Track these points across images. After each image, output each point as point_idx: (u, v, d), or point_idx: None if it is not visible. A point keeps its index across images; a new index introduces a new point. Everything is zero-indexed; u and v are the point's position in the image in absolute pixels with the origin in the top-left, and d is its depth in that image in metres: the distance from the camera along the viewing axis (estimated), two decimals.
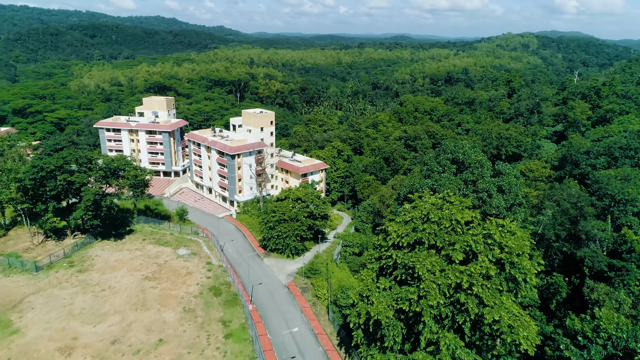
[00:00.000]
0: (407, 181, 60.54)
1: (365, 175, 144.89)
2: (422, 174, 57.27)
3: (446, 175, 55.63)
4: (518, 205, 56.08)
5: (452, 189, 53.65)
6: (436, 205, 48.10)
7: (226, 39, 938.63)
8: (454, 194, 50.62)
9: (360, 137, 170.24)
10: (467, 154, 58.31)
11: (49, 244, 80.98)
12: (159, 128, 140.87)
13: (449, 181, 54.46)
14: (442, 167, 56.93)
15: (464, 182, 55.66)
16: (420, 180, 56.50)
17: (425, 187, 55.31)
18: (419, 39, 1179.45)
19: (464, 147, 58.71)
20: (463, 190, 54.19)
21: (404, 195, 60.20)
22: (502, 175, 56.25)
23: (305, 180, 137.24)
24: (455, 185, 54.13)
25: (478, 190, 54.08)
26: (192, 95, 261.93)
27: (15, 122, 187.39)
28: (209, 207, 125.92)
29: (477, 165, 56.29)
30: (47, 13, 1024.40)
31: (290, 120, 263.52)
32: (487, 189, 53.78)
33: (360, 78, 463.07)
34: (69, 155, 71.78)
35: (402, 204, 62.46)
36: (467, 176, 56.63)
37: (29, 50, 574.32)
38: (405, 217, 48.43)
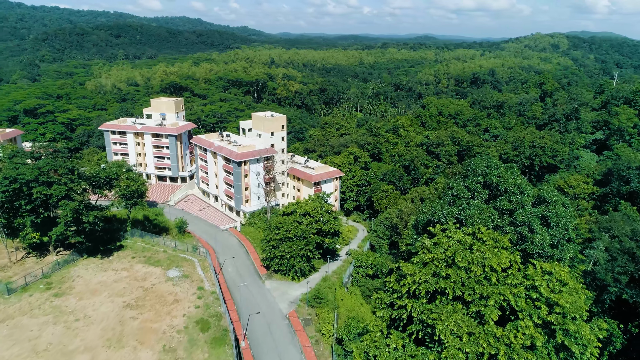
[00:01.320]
0: (427, 206, 50.31)
1: (383, 184, 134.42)
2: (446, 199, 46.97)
3: (476, 203, 44.93)
4: (567, 241, 45.05)
5: (484, 220, 43.07)
6: (464, 243, 37.73)
7: (249, 39, 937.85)
8: (487, 228, 40.13)
9: (379, 143, 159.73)
10: (503, 177, 47.22)
11: (29, 261, 73.64)
12: (165, 131, 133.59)
13: (479, 211, 43.82)
14: (471, 192, 46.21)
15: (498, 212, 44.94)
16: (443, 208, 46.15)
17: (450, 217, 44.85)
18: (444, 40, 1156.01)
19: (498, 168, 47.22)
20: (497, 222, 43.56)
21: (423, 223, 49.90)
22: (548, 203, 45.21)
23: (319, 190, 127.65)
24: (487, 216, 43.43)
25: (517, 222, 43.32)
26: (208, 96, 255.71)
27: (26, 122, 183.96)
28: (213, 217, 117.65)
29: (515, 190, 45.39)
30: (77, 14, 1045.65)
31: (308, 122, 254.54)
32: (528, 222, 43.04)
33: (382, 79, 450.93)
34: (46, 165, 64.21)
35: (420, 233, 52.17)
36: (503, 204, 45.57)
37: (55, 50, 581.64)
38: (425, 257, 38.21)
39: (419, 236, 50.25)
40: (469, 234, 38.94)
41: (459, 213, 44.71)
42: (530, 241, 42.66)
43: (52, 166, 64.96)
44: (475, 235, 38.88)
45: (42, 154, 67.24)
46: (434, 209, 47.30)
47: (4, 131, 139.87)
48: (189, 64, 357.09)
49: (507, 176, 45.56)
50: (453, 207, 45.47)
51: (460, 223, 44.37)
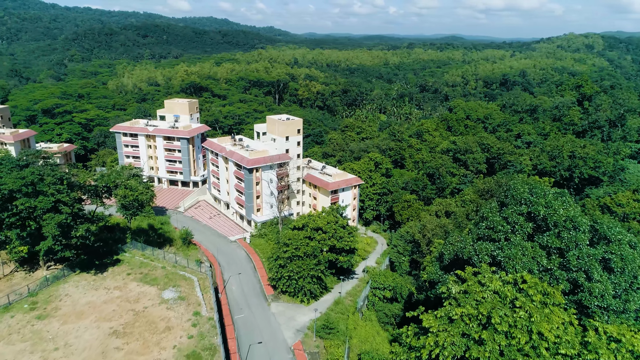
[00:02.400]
0: (455, 237, 41.76)
1: (405, 193, 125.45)
2: (479, 231, 38.33)
3: (518, 240, 36.29)
4: (635, 290, 35.77)
5: (528, 263, 34.29)
6: (503, 296, 29.23)
7: (274, 39, 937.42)
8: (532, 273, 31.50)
9: (402, 148, 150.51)
10: (552, 207, 39.36)
11: (17, 276, 68.42)
12: (177, 134, 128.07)
13: (522, 251, 35.03)
14: (510, 225, 37.42)
15: (546, 252, 36.04)
16: (476, 244, 37.38)
17: (484, 256, 36.25)
18: (472, 40, 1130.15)
19: (546, 196, 38.21)
20: (544, 263, 34.70)
21: (449, 258, 41.40)
22: (609, 242, 35.97)
23: (336, 199, 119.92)
24: (531, 256, 34.70)
25: (569, 266, 34.31)
26: (228, 96, 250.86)
27: (43, 122, 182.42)
28: (223, 226, 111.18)
29: (567, 225, 36.40)
30: (108, 14, 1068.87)
31: (329, 124, 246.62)
32: (585, 268, 34.08)
33: (408, 80, 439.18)
34: (31, 175, 58.61)
35: (445, 268, 43.70)
36: (552, 242, 36.44)
37: (84, 50, 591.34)
38: (452, 311, 29.93)
39: (443, 272, 41.85)
40: (509, 282, 30.55)
41: (495, 251, 36.02)
42: (588, 291, 33.62)
43: (37, 176, 59.16)
44: (517, 284, 30.44)
45: (30, 161, 61.70)
46: (464, 243, 38.65)
47: (17, 132, 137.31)
48: (211, 63, 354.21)
49: (558, 206, 36.48)
50: (488, 244, 36.73)
51: (497, 265, 35.73)
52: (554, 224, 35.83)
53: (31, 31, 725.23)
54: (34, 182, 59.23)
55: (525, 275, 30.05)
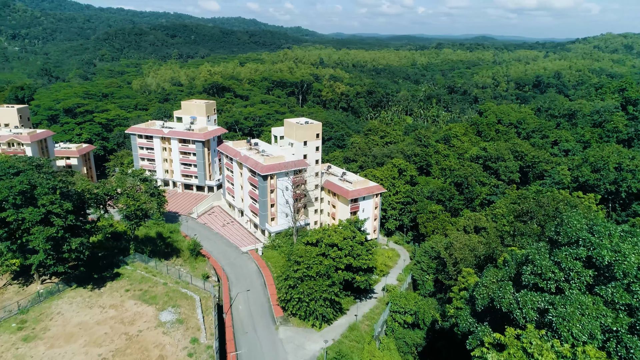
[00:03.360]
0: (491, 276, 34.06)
1: (430, 203, 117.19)
2: (523, 277, 30.38)
3: (576, 294, 28.29)
4: None
5: (589, 325, 26.44)
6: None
7: (301, 39, 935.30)
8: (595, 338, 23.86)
9: (428, 154, 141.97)
10: (620, 251, 28.71)
11: (10, 290, 64.22)
12: (192, 136, 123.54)
13: (580, 308, 27.17)
14: (564, 272, 29.32)
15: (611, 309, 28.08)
16: (518, 294, 29.32)
17: (530, 311, 28.55)
18: (503, 40, 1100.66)
19: (612, 236, 30.23)
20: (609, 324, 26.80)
21: (482, 305, 33.77)
22: None
23: (356, 208, 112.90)
24: (594, 317, 26.74)
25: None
26: (250, 97, 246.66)
27: (64, 121, 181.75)
28: (236, 235, 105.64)
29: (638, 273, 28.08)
30: (140, 15, 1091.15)
31: (353, 126, 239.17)
32: None
33: (436, 81, 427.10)
34: (20, 185, 54.08)
35: (478, 315, 36.13)
36: (618, 296, 27.78)
37: (114, 49, 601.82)
38: None
39: (475, 321, 34.29)
40: (565, 357, 23.11)
41: (544, 304, 28.38)
42: None
43: (26, 185, 54.46)
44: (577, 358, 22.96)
45: (22, 169, 57.17)
46: (502, 291, 30.81)
47: (34, 132, 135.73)
48: (235, 64, 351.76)
49: (627, 251, 28.51)
50: (534, 295, 29.03)
51: (547, 325, 28.13)
52: (623, 274, 28.01)
53: (66, 31, 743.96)
54: (23, 191, 54.63)
55: (590, 349, 22.57)
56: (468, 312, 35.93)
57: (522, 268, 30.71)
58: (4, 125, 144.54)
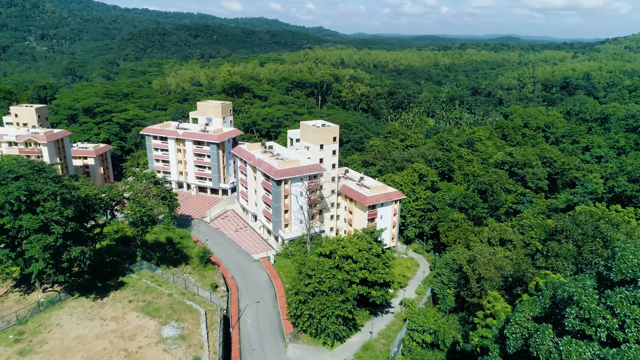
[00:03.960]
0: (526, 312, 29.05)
1: (452, 211, 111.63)
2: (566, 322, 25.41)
3: (634, 348, 23.27)
4: None
5: None
6: None
7: (323, 39, 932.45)
8: None
9: (451, 159, 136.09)
10: None
11: (11, 297, 61.99)
12: (206, 138, 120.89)
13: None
14: (619, 318, 24.22)
15: None
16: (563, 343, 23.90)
17: None
18: (528, 40, 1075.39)
19: None
20: None
21: (515, 348, 28.98)
22: None
23: (374, 214, 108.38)
24: None
25: None
26: (269, 97, 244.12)
27: (83, 121, 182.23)
28: (248, 241, 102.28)
29: None
30: (164, 15, 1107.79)
31: (372, 128, 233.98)
32: None
33: (459, 82, 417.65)
34: (17, 190, 51.64)
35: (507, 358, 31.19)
36: None
37: (138, 49, 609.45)
38: None
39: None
40: None
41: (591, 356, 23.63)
42: None
43: (24, 192, 51.86)
44: None
45: (21, 173, 54.67)
46: (541, 337, 26.02)
47: (51, 132, 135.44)
48: (255, 63, 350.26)
49: None
50: (580, 344, 24.21)
51: None
52: None
53: (92, 31, 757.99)
54: (20, 198, 52.11)
55: None
56: (497, 352, 31.15)
57: (565, 310, 25.86)
58: (22, 124, 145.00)
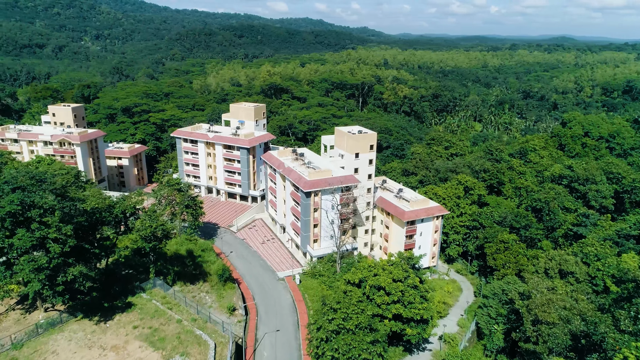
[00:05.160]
0: None
1: (502, 231, 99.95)
2: None
3: None
4: None
5: None
6: None
7: (367, 39, 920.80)
8: None
9: (501, 171, 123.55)
10: None
11: (11, 316, 57.48)
12: (236, 143, 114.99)
13: None
14: None
15: None
16: None
17: None
18: (585, 41, 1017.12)
19: None
20: None
21: None
22: None
23: (412, 231, 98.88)
24: None
25: None
26: (307, 98, 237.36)
27: (120, 121, 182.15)
28: (275, 256, 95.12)
29: None
30: (212, 16, 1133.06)
31: (415, 133, 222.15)
32: None
33: (509, 84, 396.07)
34: (8, 206, 46.33)
35: None
36: None
37: (185, 49, 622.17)
38: None
39: None
40: None
41: None
42: None
43: (15, 207, 46.54)
44: None
45: (19, 185, 49.60)
46: None
47: (85, 132, 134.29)
48: (295, 64, 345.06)
49: None
50: None
51: None
52: None
53: (143, 32, 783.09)
54: (14, 213, 46.95)
55: None
56: None
57: None
58: (59, 124, 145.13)
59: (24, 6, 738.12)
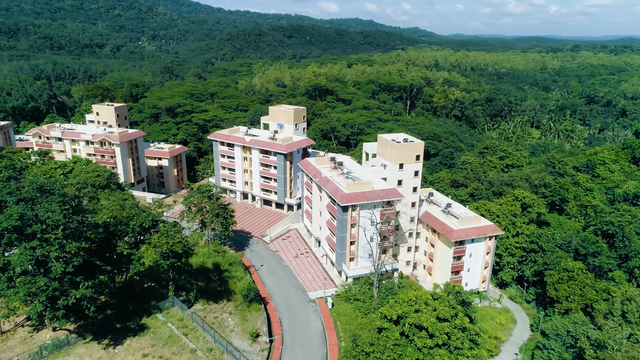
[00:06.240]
0: None
1: (565, 257, 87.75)
2: None
3: None
4: None
5: None
6: None
7: (417, 40, 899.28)
8: None
9: (564, 186, 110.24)
10: None
11: (19, 334, 53.75)
12: (273, 148, 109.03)
13: None
14: None
15: None
16: None
17: None
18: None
19: None
20: None
21: None
22: None
23: (461, 251, 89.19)
24: None
25: None
26: (352, 101, 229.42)
27: (164, 120, 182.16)
28: (307, 272, 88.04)
29: None
30: (264, 17, 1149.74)
31: (466, 139, 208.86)
32: None
33: (570, 88, 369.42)
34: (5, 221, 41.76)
35: None
36: None
37: (235, 49, 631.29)
38: None
39: None
40: None
41: None
42: None
43: (14, 222, 42.03)
44: None
45: (23, 196, 45.34)
46: None
47: (125, 132, 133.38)
48: (342, 64, 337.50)
49: None
50: None
51: None
52: None
53: (197, 32, 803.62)
54: (14, 228, 42.57)
55: None
56: None
57: None
58: (102, 123, 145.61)
59: (88, 8, 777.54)
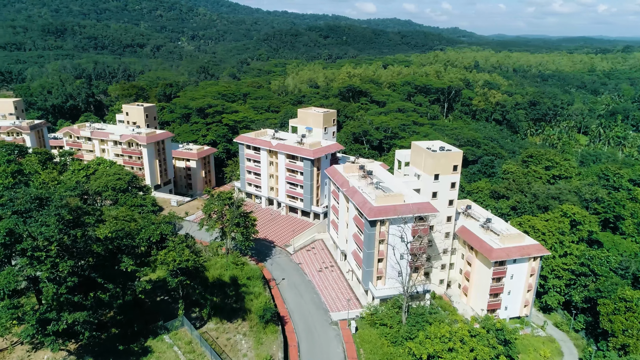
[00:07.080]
0: None
1: (623, 285, 77.80)
2: None
3: None
4: None
5: None
6: None
7: (457, 40, 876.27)
8: None
9: (619, 202, 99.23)
10: None
11: (16, 353, 50.31)
12: (300, 153, 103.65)
13: None
14: None
15: None
16: None
17: None
18: None
19: None
20: None
21: None
22: None
23: (501, 273, 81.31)
24: None
25: None
26: (387, 103, 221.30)
27: (194, 121, 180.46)
28: (331, 289, 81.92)
29: None
30: (301, 17, 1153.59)
31: (507, 145, 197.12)
32: None
33: (622, 92, 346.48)
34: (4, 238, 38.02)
35: None
36: None
37: (271, 49, 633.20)
38: None
39: None
40: None
41: None
42: None
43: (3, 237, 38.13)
44: None
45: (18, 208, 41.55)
46: None
47: (153, 132, 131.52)
48: (377, 65, 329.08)
49: None
50: None
51: None
52: None
53: (235, 32, 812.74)
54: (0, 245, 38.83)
55: None
56: None
57: None
58: (132, 123, 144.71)
59: (132, 9, 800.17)
